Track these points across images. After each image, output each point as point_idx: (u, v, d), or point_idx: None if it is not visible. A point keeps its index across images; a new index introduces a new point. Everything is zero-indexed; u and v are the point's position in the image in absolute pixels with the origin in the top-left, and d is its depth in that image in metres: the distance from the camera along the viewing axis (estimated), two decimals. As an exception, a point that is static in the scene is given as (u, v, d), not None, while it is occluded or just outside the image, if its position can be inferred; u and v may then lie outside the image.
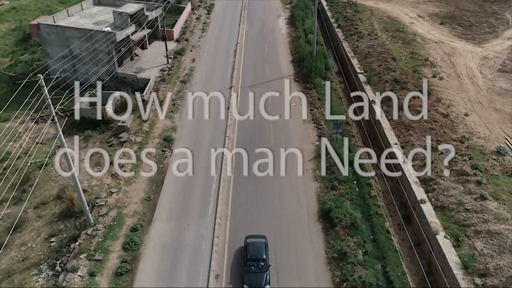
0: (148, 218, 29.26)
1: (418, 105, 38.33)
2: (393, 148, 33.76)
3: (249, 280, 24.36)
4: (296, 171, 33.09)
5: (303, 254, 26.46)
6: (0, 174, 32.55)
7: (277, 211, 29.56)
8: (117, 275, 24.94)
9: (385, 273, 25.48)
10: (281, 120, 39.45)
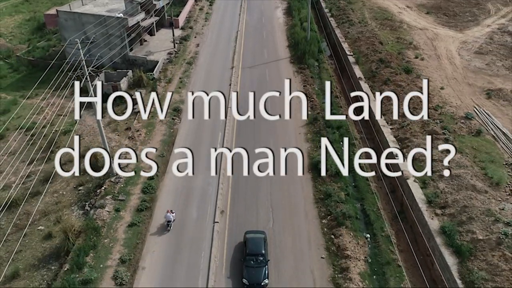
0: (162, 170, 34.46)
1: (399, 80, 43.66)
2: (375, 114, 39.10)
3: (248, 274, 25.16)
4: (290, 136, 38.31)
5: (295, 196, 31.63)
6: (29, 140, 38.11)
7: (276, 160, 34.72)
8: (138, 211, 30.13)
9: (363, 210, 30.70)
10: (279, 98, 44.65)
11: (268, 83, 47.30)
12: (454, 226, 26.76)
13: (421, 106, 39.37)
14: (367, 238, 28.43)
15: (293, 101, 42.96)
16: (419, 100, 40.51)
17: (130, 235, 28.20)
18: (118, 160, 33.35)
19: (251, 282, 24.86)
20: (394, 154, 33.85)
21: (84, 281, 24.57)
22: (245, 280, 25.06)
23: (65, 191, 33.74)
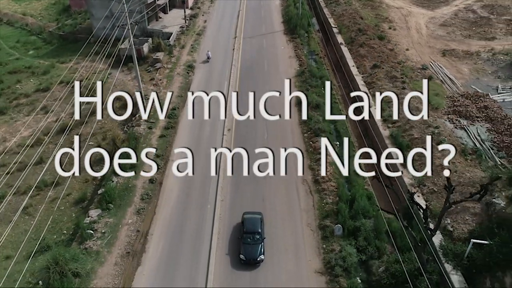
0: (181, 105, 45.37)
1: (372, 43, 54.76)
2: (351, 67, 50.19)
3: (245, 250, 27.55)
4: (283, 82, 49.26)
5: (285, 125, 42.34)
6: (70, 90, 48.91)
7: (268, 103, 45.53)
8: (166, 129, 41.00)
9: (335, 128, 41.55)
10: (273, 57, 55.77)
11: (265, 49, 58.22)
12: (399, 132, 37.68)
13: (386, 60, 50.61)
14: (336, 144, 39.27)
15: (286, 62, 54.36)
16: (386, 56, 51.78)
17: (161, 142, 39.09)
18: (152, 95, 44.27)
19: (247, 257, 27.42)
20: (362, 95, 44.76)
21: (132, 165, 35.32)
22: (242, 255, 27.56)
23: (106, 121, 44.55)
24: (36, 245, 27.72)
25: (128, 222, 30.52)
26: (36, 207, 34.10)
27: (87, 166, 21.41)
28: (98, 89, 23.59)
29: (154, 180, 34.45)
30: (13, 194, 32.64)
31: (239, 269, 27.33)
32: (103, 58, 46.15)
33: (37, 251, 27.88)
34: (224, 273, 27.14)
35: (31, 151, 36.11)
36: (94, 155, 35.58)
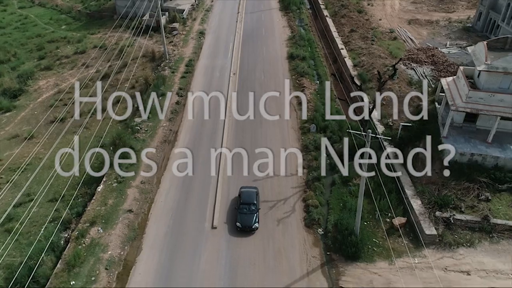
0: (195, 60, 58.81)
1: (352, 15, 68.34)
2: (332, 32, 63.75)
3: (241, 219, 31.07)
4: (279, 45, 62.78)
5: (278, 70, 55.86)
6: (103, 51, 62.33)
7: (265, 56, 59.09)
8: (185, 72, 54.43)
9: (317, 71, 54.95)
10: (270, 27, 69.37)
11: (263, 21, 71.72)
12: (364, 72, 51.06)
13: (361, 26, 64.11)
14: (317, 83, 52.67)
15: (280, 30, 68.02)
16: (361, 24, 65.36)
17: (183, 80, 52.56)
18: (170, 49, 57.81)
19: (243, 225, 30.95)
20: (340, 48, 58.29)
21: (162, 93, 48.66)
22: (238, 223, 31.12)
23: (137, 70, 57.94)
24: (102, 137, 40.80)
25: (163, 125, 43.89)
26: (91, 123, 47.28)
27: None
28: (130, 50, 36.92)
29: (179, 101, 47.89)
30: (70, 116, 46.02)
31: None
32: (130, 29, 59.99)
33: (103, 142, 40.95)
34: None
35: (83, 91, 49.48)
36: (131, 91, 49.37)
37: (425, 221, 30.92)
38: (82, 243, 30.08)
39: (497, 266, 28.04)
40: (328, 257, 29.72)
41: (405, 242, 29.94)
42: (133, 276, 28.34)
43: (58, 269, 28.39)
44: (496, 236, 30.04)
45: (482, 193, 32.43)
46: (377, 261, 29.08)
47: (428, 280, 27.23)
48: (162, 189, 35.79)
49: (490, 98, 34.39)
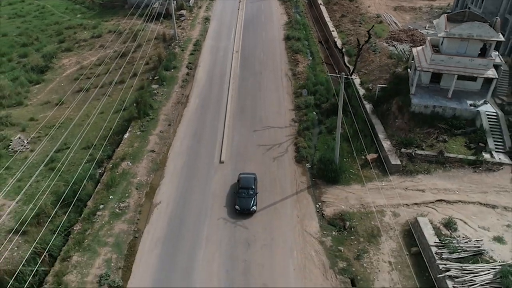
0: (202, 41, 67.06)
1: (343, 3, 76.68)
2: (325, 17, 72.03)
3: (239, 202, 33.42)
4: (276, 29, 71.05)
5: (275, 48, 63.98)
6: (117, 36, 70.62)
7: (264, 38, 67.34)
8: (193, 51, 62.70)
9: (310, 49, 63.15)
10: (269, 14, 77.73)
11: (263, 9, 79.88)
12: (351, 48, 59.19)
13: (351, 12, 72.44)
14: (310, 59, 60.87)
15: (278, 16, 76.36)
16: (352, 10, 73.66)
17: (192, 56, 60.81)
18: (179, 32, 66.11)
19: (241, 207, 33.36)
20: (331, 30, 66.55)
21: (174, 67, 56.89)
22: (237, 206, 33.51)
23: (150, 50, 66.18)
24: (125, 101, 48.92)
25: (176, 90, 52.12)
26: (112, 92, 55.39)
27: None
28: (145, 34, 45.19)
29: (189, 73, 56.16)
30: (95, 87, 54.06)
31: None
32: (141, 17, 68.42)
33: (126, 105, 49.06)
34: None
35: (103, 68, 57.64)
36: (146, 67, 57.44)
37: (392, 155, 39.00)
38: (116, 172, 38.19)
39: (446, 186, 36.06)
40: (313, 182, 37.80)
41: (375, 172, 38.01)
42: (158, 194, 36.42)
43: (98, 189, 36.55)
44: (448, 166, 38.07)
45: (441, 136, 40.48)
46: (352, 184, 37.15)
47: (391, 196, 35.26)
48: (178, 137, 43.90)
49: (449, 60, 42.51)
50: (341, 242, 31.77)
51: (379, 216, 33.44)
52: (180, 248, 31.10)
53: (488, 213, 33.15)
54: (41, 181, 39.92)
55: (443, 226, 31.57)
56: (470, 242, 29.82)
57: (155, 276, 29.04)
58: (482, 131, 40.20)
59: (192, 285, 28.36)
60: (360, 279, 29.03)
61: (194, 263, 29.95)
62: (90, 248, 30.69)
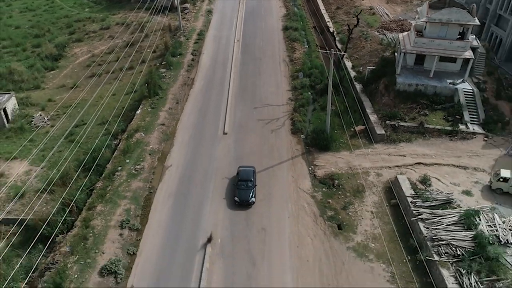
0: (205, 31, 72.16)
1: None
2: (321, 10, 77.18)
3: (239, 194, 34.96)
4: (275, 21, 76.14)
5: (274, 37, 69.09)
6: (125, 27, 75.82)
7: (264, 28, 72.43)
8: (197, 39, 67.82)
9: (305, 37, 68.26)
10: (268, 7, 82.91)
11: (262, 3, 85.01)
12: (345, 37, 64.26)
13: (346, 5, 77.52)
14: (306, 46, 65.94)
15: (277, 9, 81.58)
16: (346, 3, 78.82)
17: (196, 44, 65.91)
18: (183, 23, 71.25)
19: (240, 199, 34.90)
20: (327, 21, 71.70)
21: (179, 53, 62.03)
22: (236, 198, 35.04)
23: (156, 40, 71.25)
24: (135, 84, 53.98)
25: (182, 74, 57.21)
26: (123, 78, 60.40)
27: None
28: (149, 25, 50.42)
29: (194, 59, 61.30)
30: (107, 73, 59.07)
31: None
32: (147, 10, 73.59)
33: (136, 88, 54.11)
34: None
35: (113, 56, 62.74)
36: (153, 55, 62.62)
37: (378, 126, 44.01)
38: (131, 141, 43.23)
39: (425, 152, 41.05)
40: (307, 149, 42.81)
41: (362, 141, 43.02)
42: (169, 159, 41.46)
43: (115, 155, 41.61)
44: (428, 135, 43.06)
45: (422, 110, 45.50)
46: (341, 151, 42.15)
47: (375, 160, 40.28)
48: (185, 113, 48.94)
49: (431, 43, 47.55)
50: (330, 196, 36.75)
51: (364, 176, 38.43)
52: (189, 201, 36.10)
53: (460, 173, 38.13)
54: (62, 151, 44.88)
55: (419, 182, 36.54)
56: (441, 194, 34.82)
57: (168, 222, 34.03)
58: (459, 105, 45.23)
59: (201, 230, 33.28)
60: (345, 224, 34.00)
61: (202, 212, 34.92)
62: (112, 200, 35.67)
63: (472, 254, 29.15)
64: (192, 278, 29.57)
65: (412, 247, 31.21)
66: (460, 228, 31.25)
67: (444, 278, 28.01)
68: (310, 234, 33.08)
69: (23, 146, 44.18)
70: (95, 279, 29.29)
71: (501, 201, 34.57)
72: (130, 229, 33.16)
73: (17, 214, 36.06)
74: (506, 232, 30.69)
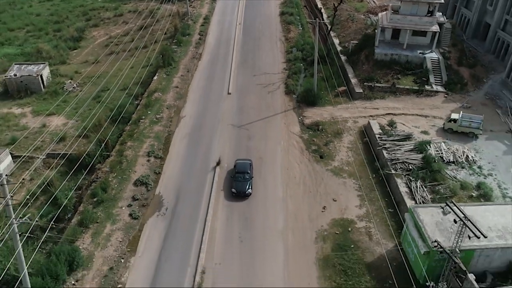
0: (210, 16, 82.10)
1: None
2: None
3: (236, 185, 37.40)
4: (273, 7, 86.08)
5: (272, 21, 79.01)
6: (137, 14, 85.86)
7: (263, 14, 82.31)
8: (204, 23, 77.82)
9: (300, 21, 78.19)
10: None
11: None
12: (335, 20, 74.18)
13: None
14: (300, 29, 75.79)
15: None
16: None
17: (202, 27, 75.90)
18: (190, 9, 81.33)
19: (237, 190, 37.23)
20: (320, 8, 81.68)
21: (188, 33, 71.99)
22: (233, 189, 37.39)
23: (167, 24, 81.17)
24: (151, 59, 63.79)
25: (191, 50, 67.17)
26: (139, 55, 70.15)
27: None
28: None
29: (201, 38, 71.30)
30: (123, 51, 68.88)
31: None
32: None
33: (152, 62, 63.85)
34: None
35: (128, 38, 72.68)
36: (165, 36, 72.62)
37: (357, 87, 53.77)
38: (151, 98, 53.03)
39: (395, 105, 50.77)
40: (297, 105, 52.56)
41: (343, 99, 52.75)
42: (183, 111, 51.25)
43: (138, 108, 51.46)
44: (398, 93, 52.79)
45: (396, 75, 55.24)
46: (326, 106, 51.88)
47: (353, 112, 50.00)
48: (195, 79, 58.79)
49: (404, 19, 57.39)
50: (314, 137, 46.49)
51: (343, 123, 48.16)
52: (201, 139, 45.88)
53: (421, 119, 47.86)
54: (91, 109, 54.62)
55: (387, 125, 46.24)
56: (403, 132, 44.52)
57: (185, 153, 43.74)
58: (426, 71, 55.01)
59: (210, 158, 42.89)
60: (326, 155, 43.68)
61: (212, 147, 44.66)
62: (139, 139, 45.45)
63: (420, 168, 38.77)
64: (205, 189, 39.18)
65: (376, 168, 40.83)
66: (414, 153, 40.91)
67: (398, 184, 37.64)
68: (297, 161, 42.78)
69: (57, 106, 53.98)
70: (130, 188, 39.00)
71: (450, 138, 44.21)
72: (155, 157, 42.90)
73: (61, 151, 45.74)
74: (449, 154, 40.38)
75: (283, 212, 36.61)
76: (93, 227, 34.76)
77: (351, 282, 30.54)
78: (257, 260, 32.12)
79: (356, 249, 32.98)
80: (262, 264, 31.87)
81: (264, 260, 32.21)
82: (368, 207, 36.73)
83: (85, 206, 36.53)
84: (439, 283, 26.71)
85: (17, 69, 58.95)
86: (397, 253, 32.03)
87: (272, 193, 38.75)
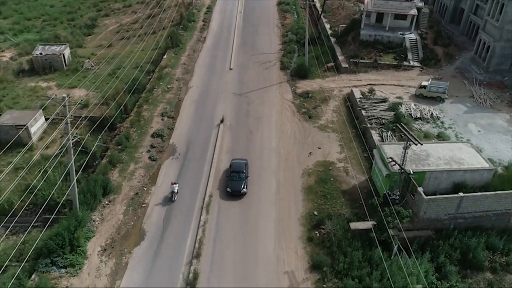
0: (213, 6, 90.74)
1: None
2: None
3: (231, 185, 38.92)
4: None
5: (270, 10, 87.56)
6: (146, 5, 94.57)
7: (261, 4, 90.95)
8: (207, 11, 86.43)
9: (295, 10, 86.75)
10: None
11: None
12: (328, 9, 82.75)
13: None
14: (295, 17, 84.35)
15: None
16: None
17: (206, 15, 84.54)
18: (194, 0, 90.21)
19: (233, 189, 38.72)
20: (320, 12, 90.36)
21: (193, 20, 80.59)
22: (229, 188, 38.90)
23: (173, 13, 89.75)
24: (159, 42, 72.35)
25: (196, 34, 75.81)
26: (148, 40, 78.58)
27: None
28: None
29: (205, 24, 79.94)
30: (134, 36, 77.41)
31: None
32: None
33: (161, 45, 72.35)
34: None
35: (138, 25, 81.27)
36: (171, 23, 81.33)
37: (344, 63, 62.28)
38: (162, 72, 61.57)
39: (376, 78, 59.24)
40: (291, 78, 61.07)
41: (331, 73, 61.22)
42: (190, 83, 59.80)
43: (152, 80, 59.98)
44: (380, 68, 61.28)
45: (378, 53, 63.73)
46: (315, 79, 60.35)
47: (339, 84, 58.49)
48: (200, 58, 67.35)
49: (386, 4, 65.96)
50: (305, 102, 54.95)
51: (330, 92, 56.63)
52: (206, 104, 54.39)
53: (397, 88, 56.34)
54: (108, 83, 63.08)
55: (367, 92, 54.67)
56: (380, 97, 52.97)
57: (194, 114, 52.20)
58: (405, 49, 63.52)
59: (215, 118, 51.25)
60: (314, 116, 52.09)
61: (216, 110, 53.13)
62: (153, 103, 54.00)
63: (391, 123, 47.17)
64: (211, 141, 47.56)
65: (356, 126, 49.20)
66: (387, 112, 49.33)
67: (372, 135, 46.02)
68: (289, 120, 51.24)
69: (78, 80, 62.48)
70: (148, 139, 47.48)
71: (421, 102, 52.64)
72: (168, 117, 51.40)
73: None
74: (417, 112, 48.84)
75: (276, 157, 44.99)
76: (119, 166, 43.20)
77: (329, 203, 38.84)
78: (254, 190, 40.42)
79: (334, 182, 41.32)
80: (258, 192, 40.20)
81: (260, 189, 40.53)
82: (346, 153, 45.09)
83: (112, 151, 44.94)
84: (393, 191, 35.04)
85: (41, 49, 67.46)
86: (367, 183, 40.29)
87: (267, 144, 47.14)
